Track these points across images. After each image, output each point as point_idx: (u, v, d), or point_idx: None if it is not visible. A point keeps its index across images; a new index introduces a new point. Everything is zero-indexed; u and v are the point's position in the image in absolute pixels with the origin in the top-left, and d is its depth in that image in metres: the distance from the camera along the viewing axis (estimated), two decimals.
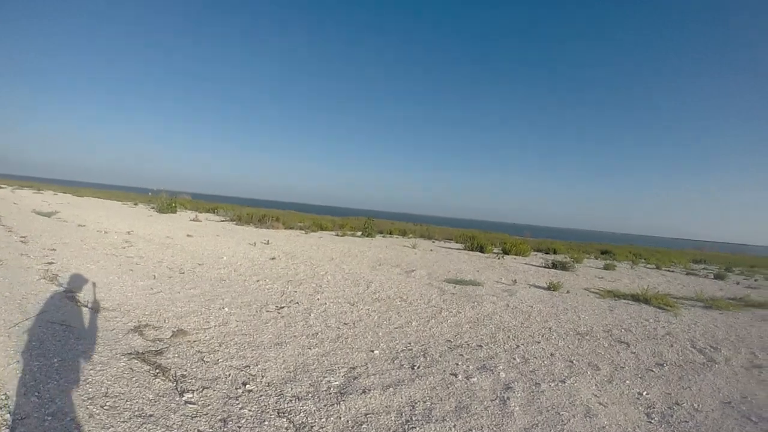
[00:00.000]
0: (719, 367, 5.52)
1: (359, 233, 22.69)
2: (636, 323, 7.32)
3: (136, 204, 30.75)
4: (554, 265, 14.86)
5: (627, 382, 4.67)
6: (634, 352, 5.73)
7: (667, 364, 5.41)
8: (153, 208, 26.19)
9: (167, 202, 25.23)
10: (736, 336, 7.15)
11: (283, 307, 6.45)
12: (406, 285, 8.88)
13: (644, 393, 4.41)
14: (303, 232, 20.87)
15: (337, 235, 21.29)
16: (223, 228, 18.68)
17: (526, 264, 15.67)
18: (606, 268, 16.66)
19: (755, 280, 17.62)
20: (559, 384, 4.38)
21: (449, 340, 5.58)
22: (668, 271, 18.68)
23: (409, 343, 5.32)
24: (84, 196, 34.58)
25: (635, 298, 9.56)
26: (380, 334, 5.61)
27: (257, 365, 4.19)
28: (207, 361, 4.16)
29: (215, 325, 5.31)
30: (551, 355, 5.33)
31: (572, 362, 5.13)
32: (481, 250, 19.15)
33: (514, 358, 5.07)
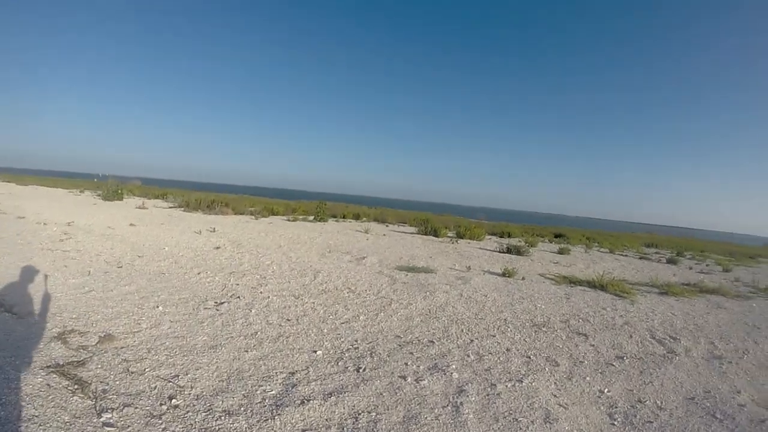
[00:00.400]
0: (680, 359, 5.38)
1: (311, 218, 22.17)
2: (593, 312, 7.17)
3: (82, 191, 29.30)
4: (509, 250, 14.73)
5: (587, 378, 4.44)
6: (593, 345, 5.53)
7: (627, 357, 5.22)
8: (99, 195, 25.01)
9: (113, 188, 24.12)
10: (695, 325, 7.07)
11: (222, 303, 5.98)
12: (355, 274, 8.52)
13: (606, 390, 4.18)
14: (253, 217, 20.18)
15: (288, 220, 20.70)
16: (169, 215, 17.86)
17: (480, 249, 15.54)
18: (561, 252, 16.72)
19: (707, 265, 17.97)
20: (516, 384, 4.10)
21: (399, 336, 5.24)
22: (621, 255, 18.88)
23: (356, 341, 4.95)
24: (29, 185, 32.81)
25: (591, 284, 9.47)
26: (325, 330, 5.22)
27: (187, 374, 3.75)
28: (132, 372, 3.70)
29: (146, 328, 4.82)
30: (507, 350, 5.06)
31: (529, 358, 4.88)
32: (435, 234, 18.93)
33: (468, 355, 4.77)
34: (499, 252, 14.79)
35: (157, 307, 5.59)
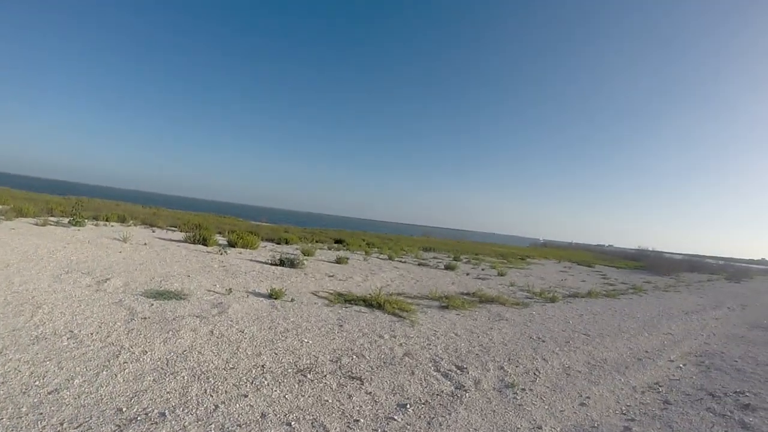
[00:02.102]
0: (470, 395, 4.88)
1: (68, 220, 18.45)
2: (370, 343, 6.42)
3: None
4: (282, 262, 13.58)
5: None
6: (370, 392, 4.70)
7: (411, 404, 4.49)
8: None
9: None
10: (480, 346, 6.75)
11: None
12: (87, 307, 6.67)
13: None
14: None
15: (37, 224, 17.00)
16: None
17: (251, 260, 14.09)
18: (338, 261, 16.08)
19: (482, 270, 18.94)
20: None
21: (121, 409, 3.84)
22: (401, 261, 19.04)
23: (62, 424, 3.48)
24: None
25: (368, 302, 8.84)
26: (24, 409, 3.60)
27: None
28: None
29: None
30: (262, 416, 3.96)
31: (291, 426, 3.84)
32: (204, 242, 16.93)
33: None
34: (271, 264, 13.57)
35: None
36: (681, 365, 7.24)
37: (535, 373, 5.85)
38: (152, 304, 7.19)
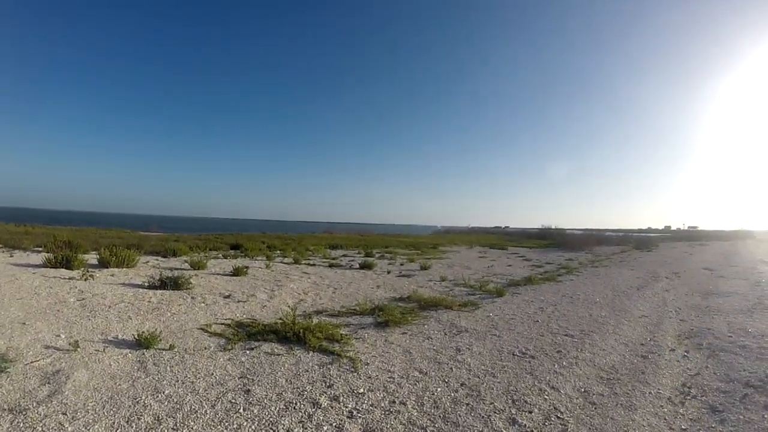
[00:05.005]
0: None
1: None
2: (301, 421, 3.76)
3: None
4: (163, 283, 10.44)
5: None
6: None
7: None
8: None
9: None
10: (462, 385, 4.62)
11: None
12: None
13: None
14: None
15: None
16: None
17: (124, 284, 10.64)
18: (236, 273, 12.99)
19: (402, 265, 17.23)
20: None
21: None
22: (309, 264, 16.48)
23: None
24: None
25: (281, 335, 6.19)
26: None
27: None
28: None
29: None
30: None
31: None
32: (68, 264, 12.87)
33: None
34: (149, 287, 10.19)
35: None
36: (684, 353, 6.32)
37: (558, 416, 3.89)
38: None
